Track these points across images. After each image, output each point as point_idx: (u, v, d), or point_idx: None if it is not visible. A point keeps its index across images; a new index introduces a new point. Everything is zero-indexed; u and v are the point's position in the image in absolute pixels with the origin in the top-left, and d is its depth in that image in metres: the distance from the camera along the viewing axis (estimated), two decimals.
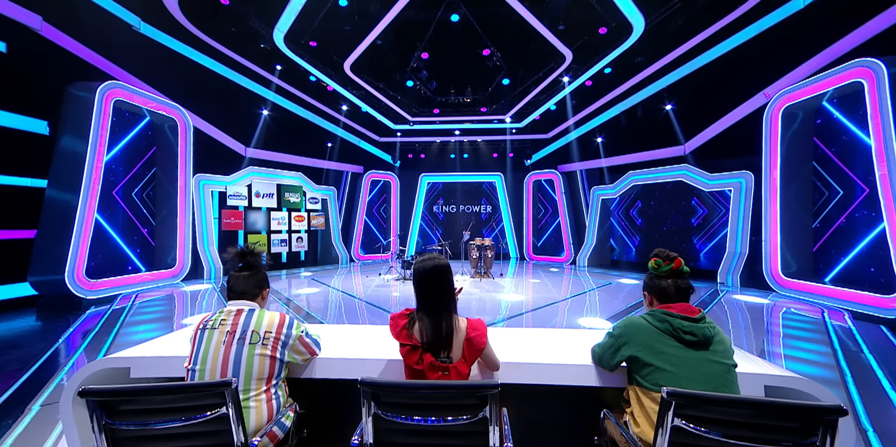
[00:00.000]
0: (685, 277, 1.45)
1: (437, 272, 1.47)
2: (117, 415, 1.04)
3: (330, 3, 7.32)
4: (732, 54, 8.35)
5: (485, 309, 5.93)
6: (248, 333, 1.43)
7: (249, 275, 1.59)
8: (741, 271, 8.29)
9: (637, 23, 7.92)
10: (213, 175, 9.02)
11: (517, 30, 8.07)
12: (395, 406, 1.11)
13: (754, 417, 1.04)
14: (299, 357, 1.58)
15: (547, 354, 1.69)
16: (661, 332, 1.36)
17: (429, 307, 1.44)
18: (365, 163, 13.50)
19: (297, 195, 10.93)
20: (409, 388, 1.12)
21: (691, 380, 1.27)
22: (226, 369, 1.36)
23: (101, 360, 1.59)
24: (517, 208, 13.89)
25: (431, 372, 1.37)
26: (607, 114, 11.46)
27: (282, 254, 10.82)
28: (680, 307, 1.40)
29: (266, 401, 1.40)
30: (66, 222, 6.05)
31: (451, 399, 1.11)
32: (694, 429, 1.07)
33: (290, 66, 9.66)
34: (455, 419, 1.09)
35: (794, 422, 1.02)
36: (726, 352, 1.34)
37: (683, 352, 1.31)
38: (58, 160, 6.20)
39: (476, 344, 1.41)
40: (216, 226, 9.17)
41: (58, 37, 6.32)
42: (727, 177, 8.93)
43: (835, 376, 3.21)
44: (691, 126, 9.82)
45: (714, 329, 1.37)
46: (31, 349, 3.92)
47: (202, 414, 1.05)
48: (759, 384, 1.46)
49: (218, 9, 7.64)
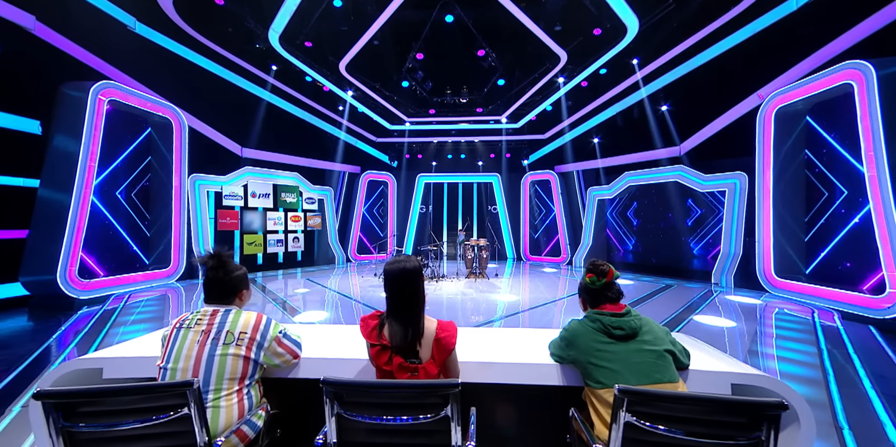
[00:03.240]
0: (615, 284, 1.58)
1: (405, 275, 1.47)
2: (76, 417, 1.04)
3: (325, 3, 7.34)
4: (727, 55, 8.38)
5: (479, 309, 5.94)
6: (222, 333, 1.44)
7: (224, 277, 1.58)
8: (735, 272, 8.31)
9: (631, 24, 7.95)
10: (208, 175, 9.02)
11: (512, 31, 8.10)
12: (358, 405, 1.12)
13: (703, 413, 1.08)
14: (278, 359, 1.56)
15: (517, 354, 1.70)
16: (595, 332, 1.47)
17: (398, 310, 1.45)
18: (362, 163, 13.51)
19: (293, 195, 10.94)
20: (371, 388, 1.14)
21: (626, 372, 1.36)
22: (198, 368, 1.37)
23: (73, 361, 1.59)
24: (514, 209, 13.91)
25: (400, 372, 1.38)
26: (603, 114, 11.49)
27: (278, 254, 10.82)
28: (608, 306, 1.54)
29: (238, 401, 1.41)
30: (58, 222, 6.04)
31: (412, 398, 1.12)
32: (643, 424, 1.10)
33: (285, 67, 9.67)
34: (416, 418, 1.11)
35: (740, 418, 1.05)
36: (656, 339, 1.44)
37: (616, 347, 1.42)
38: (50, 160, 6.18)
39: (445, 344, 1.42)
40: (212, 226, 9.18)
41: (52, 36, 6.32)
42: (722, 177, 8.96)
43: (818, 375, 3.23)
44: (687, 127, 9.85)
45: (640, 320, 1.48)
46: (19, 349, 3.93)
47: (163, 414, 1.05)
48: (727, 382, 1.49)
49: (213, 9, 7.64)
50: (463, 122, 13.32)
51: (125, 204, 7.51)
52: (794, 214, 7.27)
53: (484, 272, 8.89)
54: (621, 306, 1.53)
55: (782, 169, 7.30)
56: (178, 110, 7.93)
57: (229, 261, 1.60)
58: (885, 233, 5.19)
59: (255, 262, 10.24)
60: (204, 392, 1.34)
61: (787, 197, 7.26)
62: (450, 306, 6.15)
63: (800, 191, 7.24)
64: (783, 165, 7.29)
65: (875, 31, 5.90)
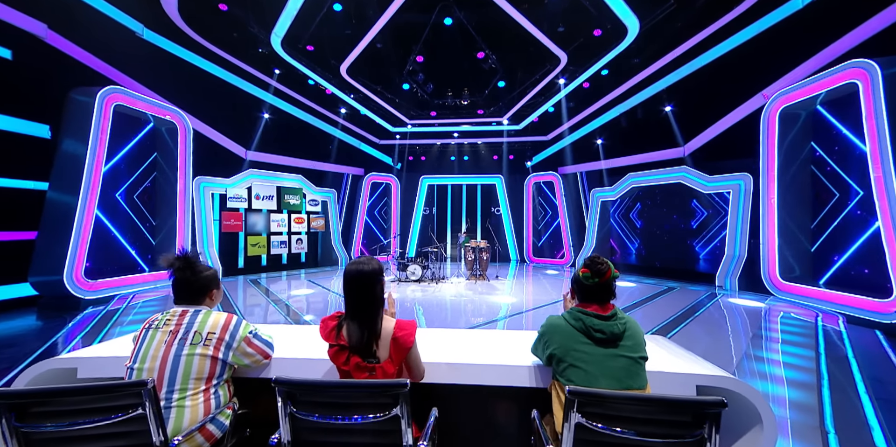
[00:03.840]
0: (611, 286, 1.52)
1: (362, 277, 1.48)
2: (30, 417, 1.06)
3: (326, 8, 7.43)
4: (731, 55, 8.28)
5: (475, 311, 5.94)
6: (190, 334, 1.46)
7: (192, 278, 1.60)
8: (739, 274, 8.18)
9: (632, 25, 7.90)
10: (213, 177, 9.18)
11: (511, 33, 8.11)
12: (311, 405, 1.14)
13: (648, 413, 1.09)
14: (248, 359, 1.58)
15: (488, 355, 1.71)
16: (576, 331, 1.45)
17: (355, 311, 1.47)
18: (366, 165, 13.61)
19: (296, 197, 11.06)
20: (322, 387, 1.16)
21: (599, 375, 1.35)
22: (164, 368, 1.39)
23: (47, 361, 1.63)
24: (517, 210, 13.87)
25: (358, 372, 1.39)
26: (606, 115, 11.42)
27: (282, 255, 10.94)
28: (595, 306, 1.49)
29: (203, 401, 1.43)
30: (65, 224, 6.18)
31: (363, 398, 1.14)
32: (592, 425, 1.11)
33: (288, 70, 9.81)
34: (367, 417, 1.12)
35: (684, 417, 1.06)
36: (635, 346, 1.42)
37: (594, 349, 1.40)
38: (58, 163, 6.34)
39: (402, 343, 1.43)
40: (216, 228, 9.32)
41: (62, 44, 6.50)
42: (726, 179, 8.83)
43: (811, 379, 3.17)
44: (690, 127, 9.75)
45: (624, 325, 1.44)
46: (23, 348, 4.04)
47: (118, 414, 1.07)
48: (692, 384, 1.49)
49: (217, 14, 7.80)
50: (465, 123, 13.36)
51: (127, 206, 7.67)
52: (800, 215, 7.14)
53: (485, 274, 8.88)
54: (609, 308, 1.48)
55: (787, 169, 7.18)
56: (184, 114, 8.09)
57: (197, 263, 1.63)
58: (891, 235, 5.06)
59: (260, 264, 10.36)
60: (169, 391, 1.37)
61: (792, 198, 7.14)
62: (445, 307, 6.16)
63: (806, 191, 7.11)
64: (788, 166, 7.16)
65: (881, 30, 5.79)
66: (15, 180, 6.08)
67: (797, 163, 7.15)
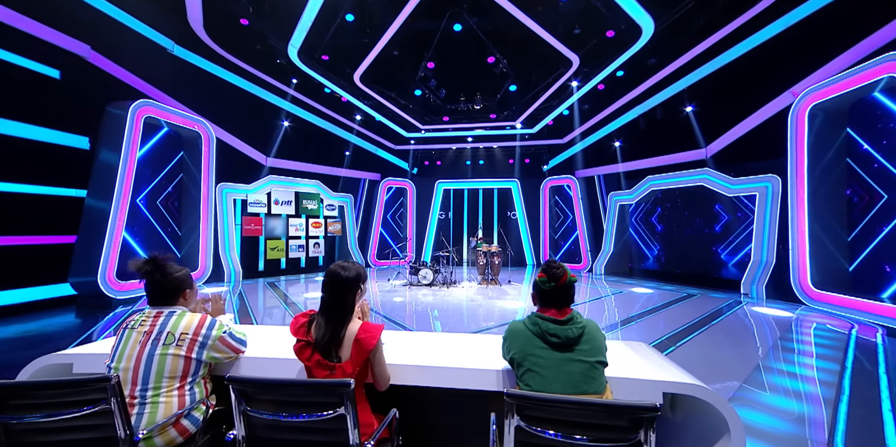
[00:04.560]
0: (569, 290, 1.52)
1: (339, 281, 1.54)
2: (9, 409, 1.16)
3: (339, 18, 7.69)
4: (756, 52, 7.94)
5: (487, 315, 5.91)
6: (163, 334, 1.53)
7: (162, 280, 1.67)
8: (767, 282, 7.75)
9: (646, 24, 7.73)
10: (235, 184, 9.59)
11: (521, 37, 8.10)
12: (262, 402, 1.19)
13: (588, 417, 1.09)
14: (221, 355, 1.66)
15: (458, 359, 1.71)
16: (533, 335, 1.46)
17: (326, 310, 1.52)
18: (382, 170, 13.84)
19: (314, 202, 11.38)
20: (272, 386, 1.20)
21: (554, 380, 1.34)
22: (138, 367, 1.47)
23: (46, 357, 1.75)
24: (533, 215, 13.71)
25: (318, 369, 1.44)
26: (624, 117, 11.17)
27: (300, 259, 11.25)
28: (552, 311, 1.50)
29: (178, 397, 1.50)
30: (100, 228, 6.63)
31: (309, 396, 1.17)
32: (532, 429, 1.12)
33: (305, 79, 10.18)
34: (313, 415, 1.16)
35: (621, 421, 1.06)
36: (592, 350, 1.41)
37: (550, 354, 1.40)
38: (95, 172, 6.83)
39: (364, 345, 1.46)
40: (238, 232, 9.71)
41: (102, 62, 7.01)
42: (751, 181, 8.43)
43: (829, 394, 2.96)
44: (713, 128, 9.39)
45: (581, 330, 1.43)
46: (59, 343, 4.35)
47: (86, 407, 1.15)
48: (658, 391, 1.46)
49: (238, 29, 8.21)
50: (478, 128, 13.38)
51: (153, 211, 8.10)
52: (832, 219, 6.72)
53: (497, 278, 8.81)
54: (566, 312, 1.49)
55: (818, 170, 6.78)
56: (207, 123, 8.52)
57: (167, 265, 1.69)
58: None
59: (279, 267, 10.70)
60: (143, 389, 1.45)
61: (824, 199, 6.73)
62: (452, 311, 6.15)
63: (839, 192, 6.69)
64: (819, 167, 6.76)
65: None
66: (58, 188, 6.55)
67: (830, 163, 6.74)
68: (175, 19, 7.88)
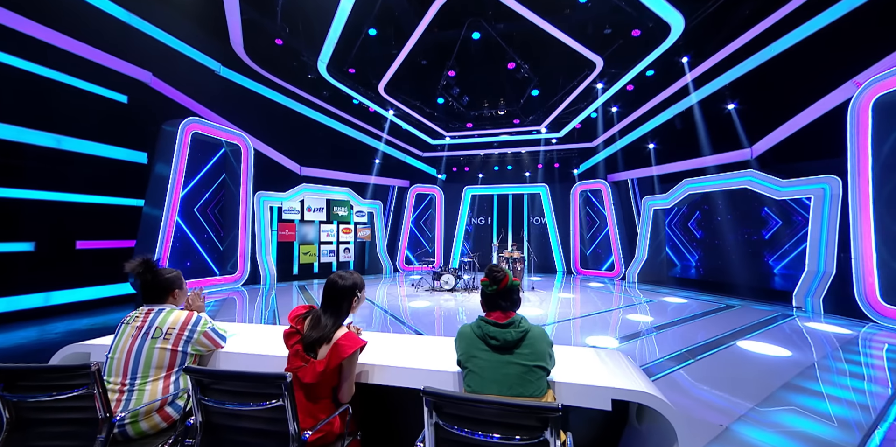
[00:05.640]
0: (511, 294, 1.59)
1: (335, 289, 1.68)
2: (17, 389, 1.38)
3: (362, 33, 8.07)
4: (811, 40, 7.31)
5: None
6: (152, 329, 1.72)
7: (152, 280, 1.87)
8: (825, 294, 7.01)
9: (675, 21, 7.40)
10: (271, 192, 10.23)
11: (541, 42, 8.04)
12: (216, 391, 1.31)
13: (500, 416, 1.13)
14: (204, 348, 1.85)
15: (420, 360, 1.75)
16: (476, 338, 1.50)
17: (324, 310, 1.67)
18: (411, 177, 14.15)
19: (344, 209, 11.85)
20: (221, 376, 1.32)
21: (491, 381, 1.38)
22: (129, 358, 1.66)
23: (71, 346, 2.03)
24: (563, 220, 13.36)
25: (294, 358, 1.57)
26: (658, 118, 10.67)
27: (332, 263, 11.72)
28: (496, 315, 1.55)
29: (164, 387, 1.67)
30: (154, 234, 7.37)
31: (251, 387, 1.28)
32: (448, 426, 1.16)
33: (334, 92, 10.73)
34: (257, 404, 1.26)
35: (531, 420, 1.10)
36: (532, 355, 1.43)
37: (490, 356, 1.44)
38: (151, 183, 7.60)
39: (339, 351, 1.55)
40: (273, 237, 10.33)
41: (161, 86, 7.84)
42: (805, 183, 7.72)
43: (866, 419, 2.64)
44: (759, 126, 8.73)
45: (521, 334, 1.46)
46: None
47: (73, 390, 1.34)
48: (607, 397, 1.47)
49: (274, 48, 8.88)
50: (503, 133, 13.32)
51: (201, 218, 8.84)
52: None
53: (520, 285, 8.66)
54: (509, 315, 1.53)
55: (885, 169, 6.10)
56: (247, 136, 9.21)
57: (157, 267, 1.89)
58: None
59: (312, 271, 11.22)
60: (132, 378, 1.63)
61: (891, 202, 6.02)
62: (469, 316, 6.14)
63: None
64: (887, 165, 6.08)
65: None
66: (121, 198, 7.36)
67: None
68: (220, 43, 8.67)
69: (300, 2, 7.74)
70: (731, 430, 2.50)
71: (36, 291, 5.96)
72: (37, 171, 5.94)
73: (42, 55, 5.90)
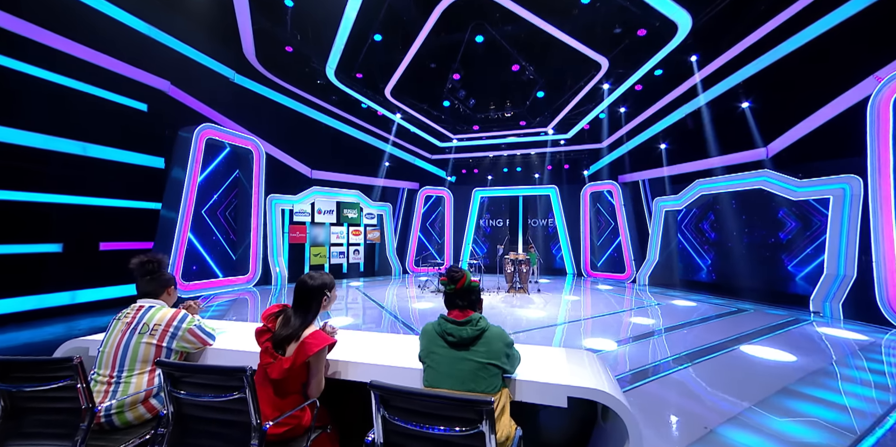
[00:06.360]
0: (468, 293, 1.63)
1: (305, 288, 1.76)
2: (11, 380, 1.51)
3: (368, 39, 8.23)
4: (829, 35, 7.06)
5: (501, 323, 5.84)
6: (139, 325, 1.83)
7: (151, 279, 1.97)
8: (844, 299, 6.74)
9: (682, 19, 7.28)
10: (282, 195, 10.51)
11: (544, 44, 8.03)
12: (185, 384, 1.41)
13: (440, 409, 1.18)
14: (190, 345, 1.93)
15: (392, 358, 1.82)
16: (436, 335, 1.56)
17: (294, 309, 1.74)
18: (420, 179, 14.26)
19: (354, 211, 12.05)
20: (188, 370, 1.41)
21: (446, 375, 1.44)
22: (117, 352, 1.76)
23: (72, 341, 2.18)
24: (573, 222, 13.22)
25: (264, 355, 1.64)
26: (669, 118, 10.46)
27: (342, 265, 11.92)
28: (454, 313, 1.60)
29: (148, 380, 1.76)
30: (170, 236, 7.68)
31: (214, 380, 1.36)
32: (392, 419, 1.22)
33: (342, 97, 10.95)
34: (220, 396, 1.34)
35: (468, 413, 1.16)
36: (488, 353, 1.47)
37: (447, 352, 1.50)
38: (168, 187, 7.93)
39: (305, 348, 1.62)
40: (285, 239, 10.59)
41: (179, 94, 8.17)
42: (824, 182, 7.46)
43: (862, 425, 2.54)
44: (774, 125, 8.48)
45: (477, 332, 1.51)
46: None
47: (58, 381, 1.45)
48: (563, 394, 1.52)
49: (284, 55, 9.15)
50: (510, 135, 13.30)
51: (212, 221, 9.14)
52: None
53: (525, 287, 8.63)
54: (467, 314, 1.59)
55: None
56: (259, 141, 9.49)
57: (157, 267, 2.00)
58: None
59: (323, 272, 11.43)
60: (120, 370, 1.74)
61: None
62: None
63: None
64: None
65: None
66: (140, 202, 7.68)
67: None
68: (233, 51, 8.99)
69: (309, 10, 7.97)
70: (716, 433, 2.46)
71: (63, 290, 6.29)
72: (64, 177, 6.28)
73: (69, 67, 6.25)
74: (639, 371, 3.72)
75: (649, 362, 4.00)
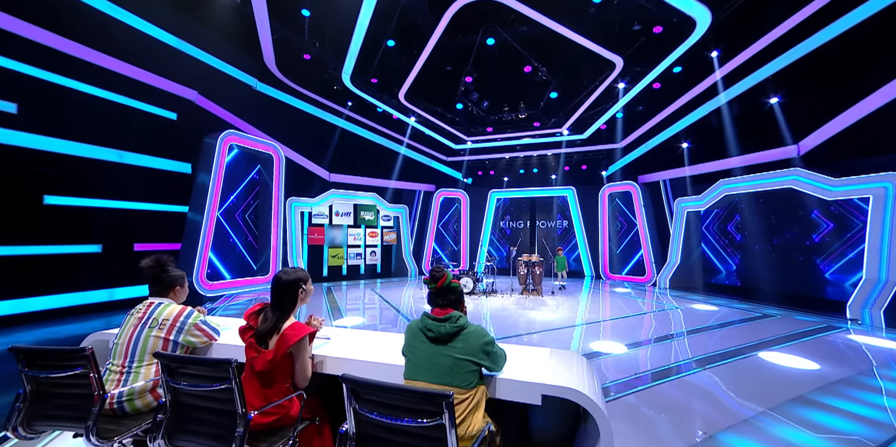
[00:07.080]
0: (447, 292, 1.71)
1: (280, 283, 1.84)
2: (34, 366, 1.68)
3: (382, 45, 8.42)
4: (866, 25, 6.66)
5: (514, 326, 5.84)
6: (150, 320, 1.97)
7: (160, 278, 2.11)
8: (886, 305, 6.32)
9: (700, 14, 7.05)
10: (302, 198, 10.84)
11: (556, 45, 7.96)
12: (180, 375, 1.52)
13: (406, 401, 1.25)
14: (196, 340, 2.06)
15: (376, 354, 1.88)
16: (418, 330, 1.64)
17: (272, 307, 1.84)
18: (437, 181, 14.37)
19: (371, 213, 12.28)
20: (182, 362, 1.52)
21: (424, 369, 1.51)
22: (129, 345, 1.91)
23: (97, 334, 2.36)
24: (592, 223, 12.97)
25: (249, 350, 1.75)
26: (691, 116, 10.13)
27: (360, 266, 12.17)
28: (435, 310, 1.68)
29: (155, 371, 1.89)
30: (196, 237, 8.07)
31: (206, 371, 1.46)
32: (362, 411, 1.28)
33: (358, 102, 11.22)
34: (210, 386, 1.45)
35: (430, 406, 1.21)
36: (465, 349, 1.53)
37: (426, 346, 1.57)
38: (194, 191, 8.35)
39: (286, 339, 1.71)
40: (304, 241, 10.92)
41: (206, 103, 8.61)
42: (862, 181, 7.04)
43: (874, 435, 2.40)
44: (806, 121, 8.07)
45: (456, 328, 1.57)
46: None
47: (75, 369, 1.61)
48: (537, 392, 1.55)
49: (302, 63, 9.49)
50: (525, 136, 13.20)
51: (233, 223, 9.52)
52: None
53: (539, 288, 8.55)
54: (447, 311, 1.65)
55: None
56: (279, 146, 9.85)
57: (168, 265, 2.14)
58: None
59: (340, 273, 11.70)
60: (131, 361, 1.88)
61: None
62: (474, 321, 6.17)
63: None
64: None
65: None
66: (168, 205, 8.12)
67: None
68: (255, 60, 9.40)
69: (325, 19, 8.24)
70: (716, 439, 2.39)
71: (102, 287, 6.76)
72: (103, 183, 6.76)
73: (108, 81, 6.73)
74: (644, 375, 3.64)
75: (659, 366, 3.90)
